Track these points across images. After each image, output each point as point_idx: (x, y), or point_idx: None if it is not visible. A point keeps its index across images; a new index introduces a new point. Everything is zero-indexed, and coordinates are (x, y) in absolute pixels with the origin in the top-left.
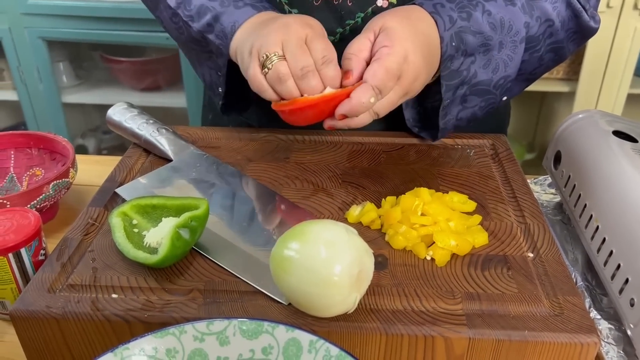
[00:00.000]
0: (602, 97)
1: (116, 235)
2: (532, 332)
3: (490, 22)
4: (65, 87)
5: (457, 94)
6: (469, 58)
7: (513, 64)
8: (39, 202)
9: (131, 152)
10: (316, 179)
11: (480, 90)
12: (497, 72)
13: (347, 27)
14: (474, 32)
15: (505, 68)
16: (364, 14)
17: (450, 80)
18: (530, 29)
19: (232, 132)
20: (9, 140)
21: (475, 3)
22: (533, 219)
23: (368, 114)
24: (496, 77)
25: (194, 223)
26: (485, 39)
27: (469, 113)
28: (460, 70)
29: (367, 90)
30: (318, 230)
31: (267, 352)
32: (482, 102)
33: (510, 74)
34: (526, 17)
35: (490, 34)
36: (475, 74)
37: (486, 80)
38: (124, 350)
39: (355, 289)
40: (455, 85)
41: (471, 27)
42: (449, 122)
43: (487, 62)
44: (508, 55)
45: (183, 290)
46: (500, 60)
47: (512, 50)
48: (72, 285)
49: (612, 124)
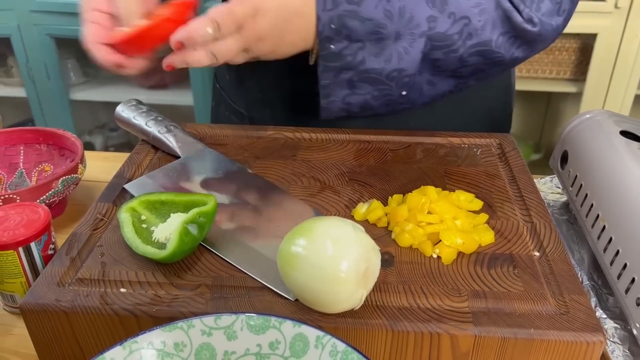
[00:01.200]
0: (610, 97)
1: (125, 230)
2: (537, 331)
3: (387, 9)
4: (73, 85)
5: (341, 78)
6: (356, 44)
7: (409, 59)
8: (48, 197)
9: (139, 148)
10: (323, 177)
11: (370, 79)
12: (390, 62)
13: None
14: (363, 18)
15: (398, 60)
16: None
17: (329, 61)
18: (437, 25)
19: (239, 129)
20: (18, 136)
21: None
22: (539, 218)
23: (206, 54)
24: (388, 67)
25: (202, 219)
26: (377, 27)
27: (360, 99)
28: (344, 54)
29: (205, 20)
30: (325, 226)
31: (274, 347)
32: (375, 91)
33: (406, 68)
34: (433, 11)
35: (382, 22)
36: (363, 61)
37: (377, 69)
38: (133, 344)
39: (361, 285)
40: (336, 67)
41: (359, 13)
42: (333, 104)
43: (379, 51)
44: (404, 48)
45: (191, 285)
46: (394, 51)
47: (409, 43)
48: (81, 279)
49: (619, 124)
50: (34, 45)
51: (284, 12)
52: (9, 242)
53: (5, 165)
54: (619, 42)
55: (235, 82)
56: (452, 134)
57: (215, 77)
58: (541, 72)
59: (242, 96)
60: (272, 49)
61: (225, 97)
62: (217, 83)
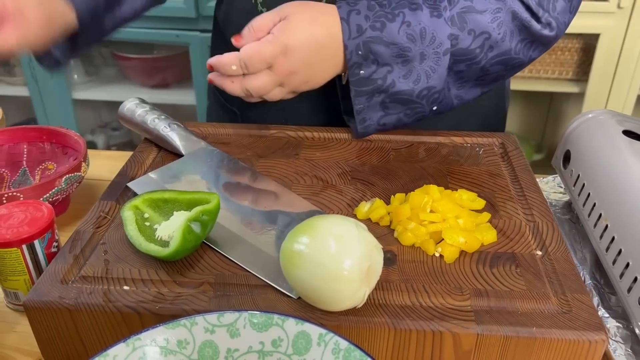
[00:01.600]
0: (612, 97)
1: (128, 228)
2: (540, 329)
3: (409, 33)
4: (75, 84)
5: (374, 101)
6: (384, 67)
7: (436, 76)
8: (51, 195)
9: (142, 147)
10: (325, 176)
11: (402, 100)
12: (419, 82)
13: None
14: (387, 42)
15: (427, 79)
16: None
17: (361, 86)
18: (460, 42)
19: (242, 128)
20: (22, 134)
21: (397, 13)
22: (542, 217)
23: (240, 87)
24: (418, 87)
25: (205, 217)
26: (401, 50)
27: (394, 119)
28: (374, 79)
29: (234, 57)
30: (328, 225)
31: (277, 345)
32: (408, 110)
33: (435, 85)
34: (454, 29)
35: (407, 45)
36: (393, 83)
37: (407, 90)
38: (136, 341)
39: (364, 283)
40: (368, 92)
41: (383, 38)
42: (369, 127)
43: (407, 73)
44: (430, 67)
45: (194, 283)
46: (422, 71)
47: (434, 61)
48: (85, 276)
49: (622, 124)
50: None
51: (312, 45)
52: (12, 239)
53: (9, 164)
54: (622, 42)
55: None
56: (454, 133)
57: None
58: (543, 72)
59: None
60: (306, 80)
61: (219, 96)
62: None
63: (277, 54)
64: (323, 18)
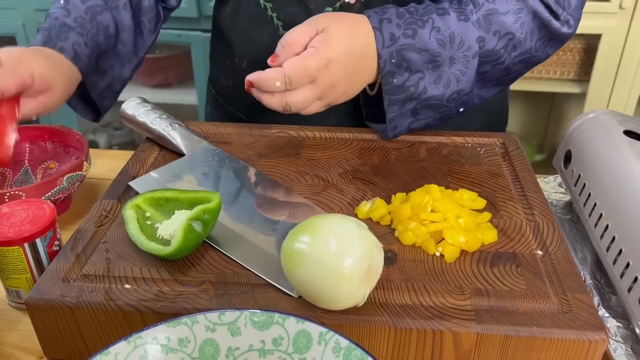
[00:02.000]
0: (614, 98)
1: (129, 226)
2: (540, 329)
3: (439, 38)
4: None
5: (406, 108)
6: (416, 74)
7: (466, 79)
8: (53, 194)
9: (144, 146)
10: (327, 175)
11: (432, 105)
12: (449, 87)
13: None
14: (419, 49)
15: (457, 83)
16: (332, 9)
17: (394, 95)
18: (486, 44)
19: (243, 127)
20: (24, 133)
21: (426, 19)
22: (542, 217)
23: (279, 102)
24: (448, 91)
25: (206, 216)
26: (433, 56)
27: (422, 124)
28: (406, 86)
29: (278, 73)
30: (329, 224)
31: (278, 343)
32: (437, 114)
33: (464, 88)
34: (480, 32)
35: (437, 51)
36: (425, 90)
37: (438, 95)
38: (137, 339)
39: (365, 282)
40: (401, 100)
41: (415, 45)
42: (399, 133)
43: (437, 78)
44: (460, 70)
45: (195, 281)
46: (452, 75)
47: (464, 65)
48: (86, 275)
49: (623, 124)
50: None
51: (352, 57)
52: (14, 238)
53: (11, 162)
54: (624, 43)
55: (233, 88)
56: (455, 133)
57: (210, 83)
58: (545, 73)
59: (241, 101)
60: (344, 91)
61: (222, 102)
62: (213, 88)
63: (321, 67)
64: (359, 28)
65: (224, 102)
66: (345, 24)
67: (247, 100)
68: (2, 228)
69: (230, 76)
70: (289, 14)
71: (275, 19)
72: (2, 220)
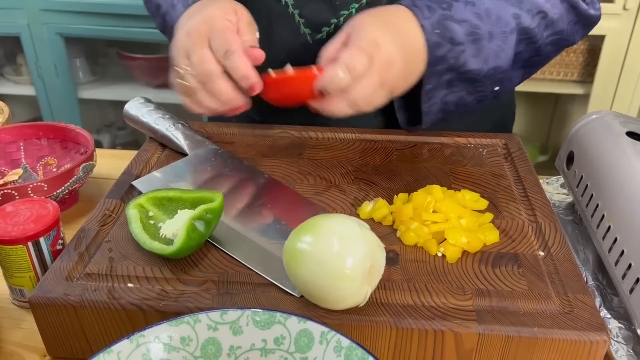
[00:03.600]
0: (617, 99)
1: (132, 226)
2: (541, 329)
3: (475, 12)
4: (81, 83)
5: (443, 80)
6: (458, 47)
7: (504, 55)
8: (71, 184)
9: (147, 146)
10: (329, 175)
11: (468, 79)
12: (488, 62)
13: (341, 17)
14: (458, 20)
15: (496, 59)
16: (358, 5)
17: (435, 66)
18: (522, 20)
19: (246, 128)
20: (18, 132)
21: None
22: (544, 218)
23: (346, 104)
24: (486, 67)
25: (209, 215)
26: (472, 27)
27: (456, 97)
28: (447, 57)
29: (338, 66)
30: (331, 224)
31: (279, 342)
32: (470, 87)
33: (502, 65)
34: (514, 8)
35: (476, 23)
36: (465, 63)
37: (477, 69)
38: (140, 337)
39: (366, 282)
40: (441, 71)
41: (454, 16)
42: (434, 106)
43: (477, 52)
44: (498, 46)
45: (197, 281)
46: (491, 50)
47: (502, 40)
48: (89, 274)
49: (625, 125)
50: (43, 43)
51: (393, 30)
52: (18, 236)
53: (8, 162)
54: (627, 44)
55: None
56: (458, 134)
57: None
58: (548, 74)
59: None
60: (402, 69)
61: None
62: None
63: (370, 44)
64: (390, 11)
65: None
66: (372, 13)
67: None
68: (6, 227)
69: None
70: (312, 11)
71: (297, 16)
72: (6, 219)
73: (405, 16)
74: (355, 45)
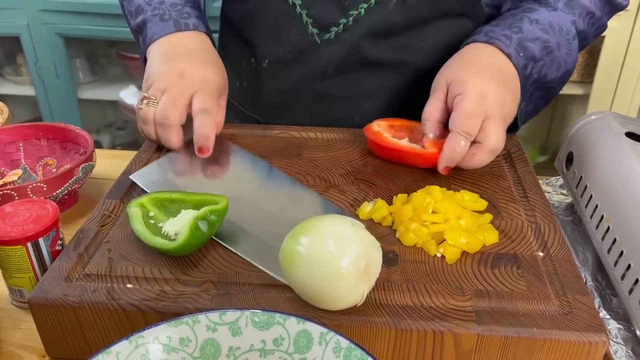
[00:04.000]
0: (617, 99)
1: (134, 222)
2: (540, 330)
3: (541, 28)
4: (81, 83)
5: (528, 94)
6: (539, 62)
7: (571, 60)
8: (70, 184)
9: (147, 146)
10: (328, 176)
11: (546, 87)
12: (560, 69)
13: (350, 17)
14: (531, 39)
15: (565, 65)
16: (367, 5)
17: (525, 84)
18: (578, 25)
19: (245, 128)
20: (17, 132)
21: (520, 18)
22: (544, 218)
23: (486, 153)
24: (559, 74)
25: (213, 217)
26: (544, 42)
27: (533, 105)
28: (532, 74)
29: (455, 137)
30: (324, 224)
31: (278, 343)
32: (544, 94)
33: (570, 68)
34: (570, 16)
35: (546, 37)
36: (545, 75)
37: (553, 79)
38: (139, 338)
39: (363, 281)
40: (528, 87)
41: (527, 37)
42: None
43: (551, 62)
44: (566, 53)
45: (196, 281)
46: (561, 59)
47: (567, 47)
48: (89, 274)
49: (625, 126)
50: (43, 44)
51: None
52: (17, 237)
53: (7, 162)
54: (627, 44)
55: (249, 89)
56: None
57: None
58: None
59: (257, 102)
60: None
61: (236, 104)
62: None
63: (478, 101)
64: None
65: (237, 104)
66: (457, 60)
67: (264, 101)
68: (6, 227)
69: (245, 77)
70: (320, 11)
71: (304, 16)
72: (6, 219)
73: (489, 51)
74: (462, 111)
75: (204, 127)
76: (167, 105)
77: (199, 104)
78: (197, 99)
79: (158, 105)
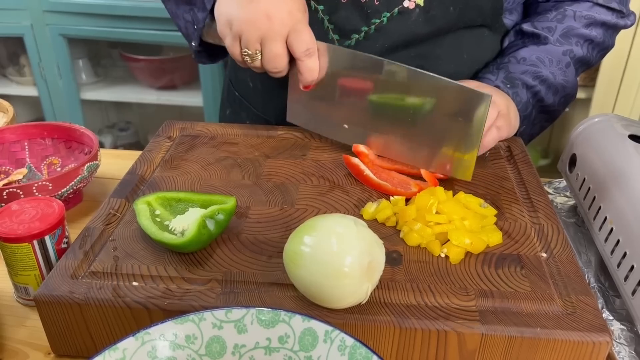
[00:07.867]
0: (619, 103)
1: (141, 218)
2: (544, 330)
3: (530, 63)
4: (84, 84)
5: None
6: (533, 88)
7: (570, 85)
8: (76, 183)
9: (151, 146)
10: (332, 177)
11: (547, 110)
12: (558, 93)
13: (372, 26)
14: (520, 72)
15: (564, 90)
16: (389, 14)
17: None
18: (575, 53)
19: (250, 129)
20: (22, 131)
21: (507, 60)
22: (547, 219)
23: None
24: (557, 97)
25: (220, 215)
26: (534, 73)
27: (539, 127)
28: (530, 101)
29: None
30: (327, 223)
31: (284, 341)
32: (547, 116)
33: (570, 92)
34: (564, 47)
35: (534, 69)
36: (542, 99)
37: (552, 103)
38: (145, 335)
39: (366, 279)
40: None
41: (514, 73)
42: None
43: (548, 88)
44: (564, 80)
45: (202, 280)
46: (558, 85)
47: (563, 75)
48: (94, 272)
49: (627, 128)
50: (46, 44)
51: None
52: (24, 235)
53: (12, 161)
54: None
55: (263, 90)
56: None
57: (231, 84)
58: None
59: (271, 104)
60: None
61: (248, 105)
62: (236, 91)
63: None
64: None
65: (249, 105)
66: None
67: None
68: (12, 225)
69: (258, 78)
70: (343, 18)
71: (326, 22)
72: (12, 217)
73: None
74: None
75: (313, 71)
76: (270, 60)
77: (298, 46)
78: (294, 40)
79: (263, 59)
